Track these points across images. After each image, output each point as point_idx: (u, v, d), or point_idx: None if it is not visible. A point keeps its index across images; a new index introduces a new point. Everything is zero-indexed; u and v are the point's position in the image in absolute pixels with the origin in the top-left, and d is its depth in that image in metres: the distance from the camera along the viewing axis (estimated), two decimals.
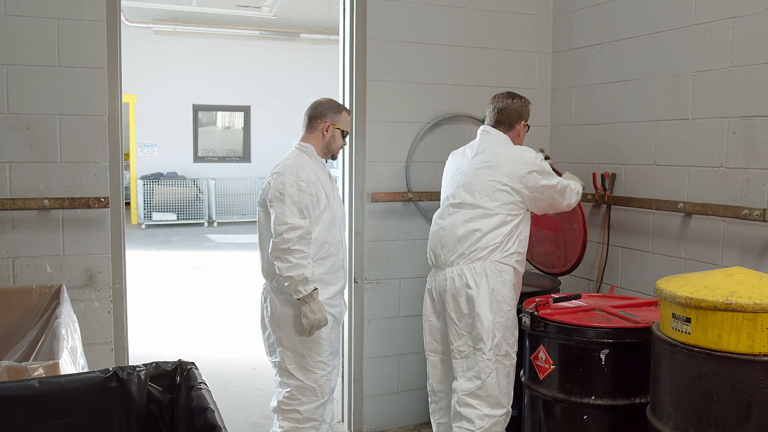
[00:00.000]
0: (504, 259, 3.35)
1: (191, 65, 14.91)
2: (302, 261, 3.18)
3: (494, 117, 3.57)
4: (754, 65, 3.26)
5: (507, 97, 3.59)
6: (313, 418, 3.41)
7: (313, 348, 3.36)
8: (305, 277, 3.17)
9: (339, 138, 3.48)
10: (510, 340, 3.34)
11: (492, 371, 3.27)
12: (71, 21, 3.47)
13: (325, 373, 3.41)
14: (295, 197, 3.22)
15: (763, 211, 3.16)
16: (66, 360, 2.22)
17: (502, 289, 3.31)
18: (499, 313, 3.29)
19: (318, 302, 3.22)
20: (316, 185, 3.30)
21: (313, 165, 3.38)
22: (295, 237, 3.17)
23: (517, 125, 3.58)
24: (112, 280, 3.64)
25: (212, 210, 14.89)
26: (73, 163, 3.53)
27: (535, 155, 3.44)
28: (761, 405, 2.36)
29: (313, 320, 3.20)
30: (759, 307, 2.33)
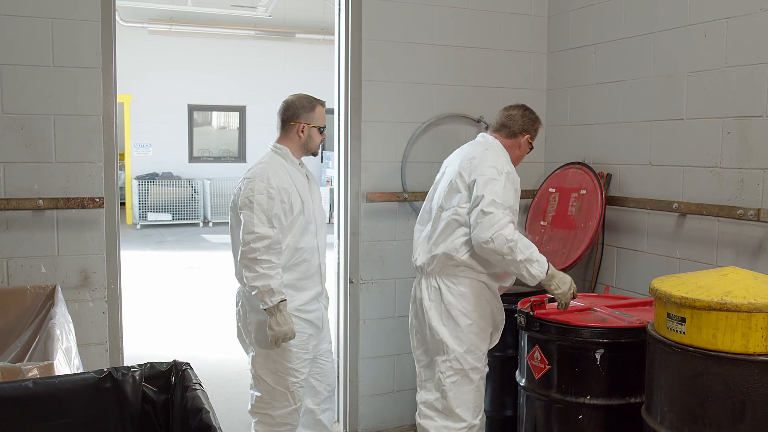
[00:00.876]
0: (461, 273, 3.23)
1: (186, 65, 14.89)
2: (269, 271, 3.10)
3: (499, 121, 3.44)
4: (748, 65, 3.27)
5: (521, 107, 3.47)
6: (286, 422, 3.35)
7: (284, 355, 3.28)
8: (271, 288, 3.08)
9: (316, 135, 3.37)
10: (476, 354, 3.24)
11: (449, 385, 3.22)
12: (66, 21, 3.47)
13: (297, 380, 3.32)
14: (264, 205, 3.14)
15: (758, 211, 3.17)
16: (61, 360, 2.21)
17: (458, 302, 3.22)
18: (456, 328, 3.22)
19: (284, 314, 3.13)
20: (288, 191, 3.21)
21: (288, 168, 3.29)
22: (262, 247, 3.10)
23: (521, 137, 3.41)
24: (107, 281, 3.63)
25: (207, 210, 14.87)
26: (67, 163, 3.52)
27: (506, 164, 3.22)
28: (756, 404, 2.36)
29: (278, 332, 3.12)
30: (753, 307, 2.34)
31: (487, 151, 3.27)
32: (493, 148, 3.32)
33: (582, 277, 4.29)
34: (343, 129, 4.17)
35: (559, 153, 4.46)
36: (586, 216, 3.98)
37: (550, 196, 4.30)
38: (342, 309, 4.24)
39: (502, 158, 3.25)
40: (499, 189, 3.09)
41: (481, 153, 3.26)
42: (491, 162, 3.19)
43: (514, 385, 3.42)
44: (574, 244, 4.00)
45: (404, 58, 4.18)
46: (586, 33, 4.26)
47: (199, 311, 7.59)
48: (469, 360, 3.22)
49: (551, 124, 4.55)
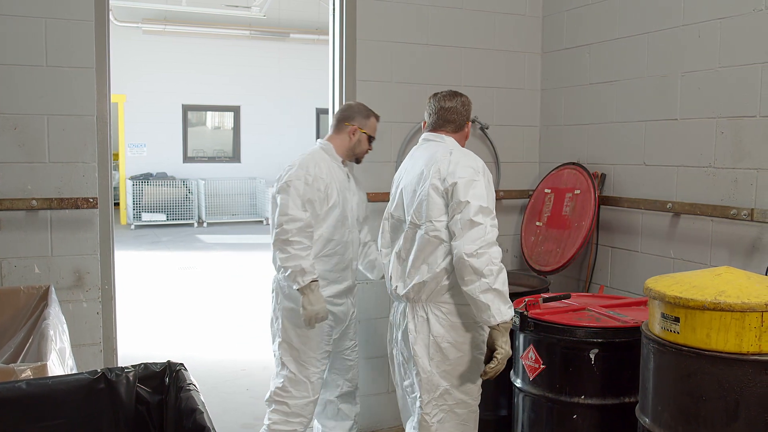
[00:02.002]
0: (453, 298, 2.91)
1: (181, 65, 14.88)
2: (301, 252, 3.22)
3: (441, 116, 3.10)
4: (742, 66, 3.28)
5: (455, 96, 3.14)
6: (301, 414, 3.43)
7: (308, 344, 3.41)
8: (302, 268, 3.20)
9: (365, 142, 3.52)
10: (466, 387, 2.95)
11: (435, 425, 2.93)
12: (59, 20, 3.46)
13: (318, 370, 3.44)
14: (300, 190, 3.28)
15: (751, 210, 3.18)
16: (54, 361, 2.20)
17: (448, 334, 2.91)
18: (444, 362, 2.91)
19: (317, 294, 3.25)
20: (326, 182, 3.34)
21: (329, 163, 3.43)
22: (295, 228, 3.23)
23: (466, 126, 3.16)
24: (100, 281, 3.62)
25: (202, 210, 14.85)
26: (61, 163, 3.51)
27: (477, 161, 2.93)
28: (749, 404, 2.37)
29: (310, 311, 3.23)
30: (747, 307, 2.34)
31: (453, 152, 2.93)
32: (456, 147, 3.01)
33: (576, 276, 4.29)
34: None
35: (554, 153, 4.47)
36: (580, 216, 4.00)
37: (546, 196, 4.30)
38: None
39: (470, 155, 2.96)
40: (482, 192, 2.78)
41: (447, 155, 2.91)
42: (464, 162, 2.88)
43: (509, 385, 3.42)
44: (568, 243, 4.01)
45: (399, 58, 4.18)
46: (580, 33, 4.26)
47: (194, 312, 7.58)
48: (456, 395, 2.94)
49: (545, 124, 4.56)
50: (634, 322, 3.07)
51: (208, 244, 12.63)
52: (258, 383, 5.22)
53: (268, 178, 15.59)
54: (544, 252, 4.13)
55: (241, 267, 10.41)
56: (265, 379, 5.29)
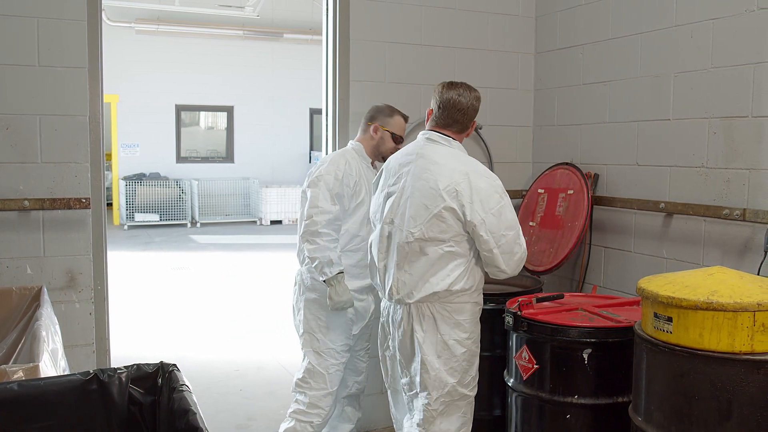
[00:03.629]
0: (458, 299, 2.97)
1: (174, 65, 14.85)
2: (329, 244, 3.31)
3: (449, 116, 3.03)
4: (734, 66, 3.29)
5: (464, 90, 3.05)
6: (319, 405, 3.51)
7: (328, 335, 3.49)
8: (330, 259, 3.29)
9: (388, 140, 3.56)
10: (466, 380, 3.03)
11: (439, 418, 3.01)
12: (51, 20, 3.44)
13: (337, 362, 3.51)
14: (330, 184, 3.36)
15: (743, 210, 3.20)
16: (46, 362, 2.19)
17: (454, 331, 2.97)
18: (451, 359, 2.98)
19: (343, 285, 3.32)
20: (355, 179, 3.43)
21: (359, 162, 3.51)
22: (324, 220, 3.31)
23: (471, 127, 3.12)
24: (93, 282, 3.61)
25: (195, 211, 14.82)
26: (53, 163, 3.49)
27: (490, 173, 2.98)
28: (742, 403, 2.38)
29: (337, 302, 3.31)
30: (739, 306, 2.35)
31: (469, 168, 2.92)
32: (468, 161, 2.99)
33: (570, 276, 4.30)
34: (330, 129, 4.16)
35: (547, 153, 4.47)
36: (573, 216, 4.00)
37: (539, 197, 4.31)
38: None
39: (483, 169, 2.97)
40: (509, 212, 2.92)
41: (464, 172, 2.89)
42: (485, 183, 2.89)
43: (503, 384, 3.43)
44: (561, 243, 4.01)
45: (392, 58, 4.18)
46: (573, 33, 4.27)
47: (187, 312, 7.56)
48: (459, 390, 3.02)
49: (539, 125, 4.57)
50: (627, 321, 3.08)
51: (201, 244, 12.61)
52: (251, 384, 5.22)
53: (261, 178, 15.59)
54: (537, 252, 4.13)
55: (235, 267, 10.40)
56: (258, 380, 5.29)
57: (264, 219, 15.02)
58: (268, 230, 14.46)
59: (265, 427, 4.43)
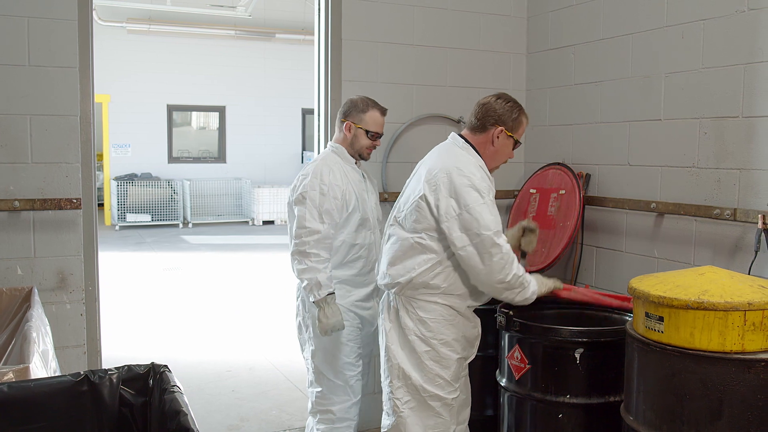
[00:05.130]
0: (423, 296, 2.94)
1: (166, 65, 14.81)
2: (317, 265, 3.20)
3: (473, 114, 3.03)
4: (724, 67, 3.30)
5: (494, 96, 3.03)
6: (347, 417, 3.47)
7: (341, 349, 3.41)
8: (318, 281, 3.19)
9: (362, 138, 3.40)
10: (436, 383, 2.95)
11: (407, 411, 2.99)
12: (41, 19, 3.43)
13: (354, 373, 3.46)
14: (317, 201, 3.24)
15: (734, 210, 3.21)
16: (37, 364, 2.18)
17: (416, 327, 2.95)
18: (412, 354, 2.96)
19: (333, 307, 3.23)
20: (342, 188, 3.30)
21: (342, 166, 3.38)
22: (312, 240, 3.21)
23: (492, 129, 2.97)
24: (84, 283, 3.59)
25: (187, 211, 14.79)
26: (44, 163, 3.48)
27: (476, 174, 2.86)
28: (732, 402, 2.39)
29: (326, 324, 3.22)
30: (730, 306, 2.36)
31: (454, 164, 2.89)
32: (459, 157, 2.94)
33: (562, 276, 4.31)
34: (322, 129, 4.16)
35: (539, 153, 4.48)
36: (565, 216, 4.01)
37: (531, 196, 4.32)
38: None
39: (470, 167, 2.88)
40: (487, 213, 2.80)
41: (448, 167, 2.88)
42: (467, 181, 2.83)
43: (495, 384, 3.43)
44: (553, 243, 4.02)
45: (384, 58, 4.18)
46: (564, 34, 4.28)
47: (179, 313, 7.54)
48: (428, 388, 2.95)
49: (531, 125, 4.56)
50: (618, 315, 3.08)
51: (193, 244, 12.58)
52: (243, 384, 5.21)
53: (253, 178, 15.57)
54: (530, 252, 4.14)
55: (227, 268, 10.38)
56: (250, 380, 5.29)
57: (256, 219, 15.00)
58: (260, 230, 14.45)
59: (257, 427, 4.43)
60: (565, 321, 3.48)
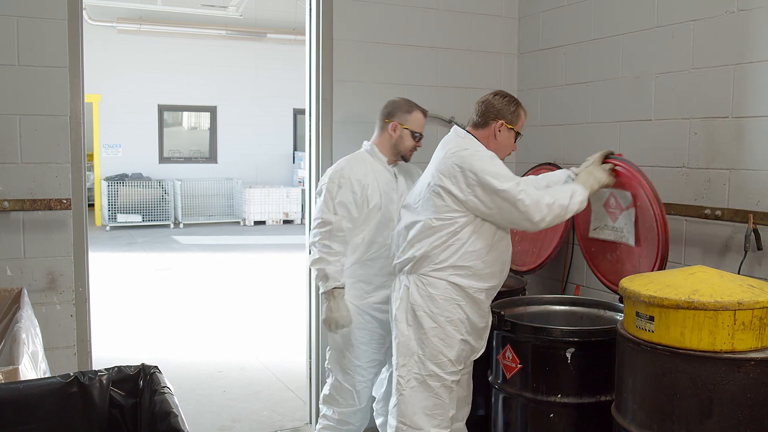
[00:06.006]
0: (433, 273, 3.01)
1: (156, 65, 14.76)
2: (327, 256, 3.27)
3: (472, 115, 3.17)
4: (714, 67, 3.31)
5: (492, 93, 3.17)
6: (349, 422, 3.47)
7: (354, 352, 3.40)
8: (326, 273, 3.25)
9: (408, 138, 3.43)
10: (438, 360, 3.01)
11: (408, 391, 3.03)
12: (31, 19, 3.41)
13: (364, 379, 3.44)
14: (333, 193, 3.30)
15: (724, 210, 3.22)
16: (26, 365, 2.17)
17: (425, 303, 3.01)
18: (419, 330, 3.02)
19: (339, 302, 3.27)
20: (363, 183, 3.32)
21: (371, 164, 3.40)
22: (324, 231, 3.28)
23: (493, 124, 3.09)
24: (74, 283, 3.58)
25: (178, 211, 14.74)
26: (34, 164, 3.46)
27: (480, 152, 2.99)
28: (722, 401, 2.40)
29: (330, 318, 3.27)
30: (720, 305, 2.37)
31: (459, 145, 3.03)
32: (464, 139, 3.09)
33: (553, 276, 4.31)
34: (314, 129, 4.15)
35: (530, 153, 4.48)
36: None
37: None
38: (314, 310, 4.23)
39: (474, 145, 3.04)
40: (500, 169, 2.95)
41: (454, 150, 3.01)
42: (471, 152, 2.97)
43: (486, 384, 3.43)
44: (544, 243, 4.03)
45: (375, 58, 4.18)
46: (556, 34, 4.29)
47: (170, 314, 7.52)
48: (429, 366, 3.02)
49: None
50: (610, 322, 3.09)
51: (184, 245, 12.54)
52: (235, 385, 5.20)
53: (245, 178, 15.54)
54: (520, 252, 4.14)
55: (218, 268, 10.36)
56: (242, 381, 5.28)
57: (247, 220, 14.97)
58: (252, 231, 14.42)
59: (249, 428, 4.42)
60: (557, 320, 3.50)
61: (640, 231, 3.28)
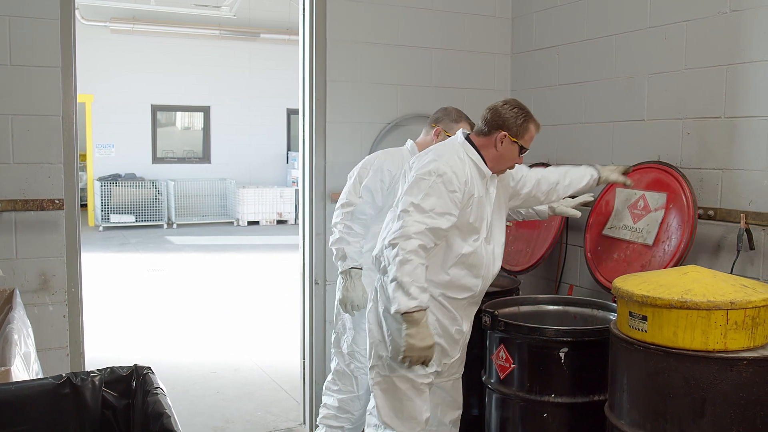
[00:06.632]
0: None
1: (150, 65, 14.72)
2: (347, 236, 3.36)
3: (480, 120, 3.04)
4: (707, 67, 3.32)
5: (503, 101, 3.00)
6: (348, 410, 3.51)
7: (354, 337, 3.47)
8: (344, 253, 3.35)
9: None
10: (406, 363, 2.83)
11: (378, 393, 2.97)
12: (23, 18, 3.40)
13: (362, 365, 3.46)
14: (362, 177, 3.40)
15: (716, 210, 3.23)
16: (18, 366, 2.16)
17: (387, 302, 2.85)
18: (387, 332, 2.89)
19: (355, 282, 3.35)
20: (394, 175, 3.36)
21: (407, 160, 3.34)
22: (347, 212, 3.40)
23: (496, 134, 2.92)
24: (67, 284, 3.56)
25: (171, 211, 14.70)
26: (26, 164, 3.45)
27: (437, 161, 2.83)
28: (715, 400, 2.40)
29: (346, 298, 3.35)
30: (713, 305, 2.38)
31: (436, 148, 2.97)
32: (445, 145, 3.00)
33: (546, 276, 4.32)
34: (307, 129, 4.15)
35: None
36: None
37: None
38: (308, 310, 4.22)
39: (445, 157, 2.87)
40: (423, 191, 2.77)
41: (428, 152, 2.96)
42: (428, 159, 2.87)
43: (480, 384, 3.43)
44: (537, 243, 4.03)
45: (369, 58, 4.18)
46: (549, 35, 4.29)
47: (163, 314, 7.50)
48: (397, 368, 2.89)
49: None
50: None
51: (177, 245, 12.51)
52: (228, 385, 5.19)
53: (238, 178, 15.51)
54: (514, 252, 4.15)
55: (211, 268, 10.34)
56: (235, 381, 5.26)
57: (241, 220, 14.94)
58: (245, 231, 14.39)
59: (242, 428, 4.41)
60: (550, 320, 3.50)
61: (662, 232, 3.31)
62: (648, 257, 3.36)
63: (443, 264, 2.92)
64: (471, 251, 2.93)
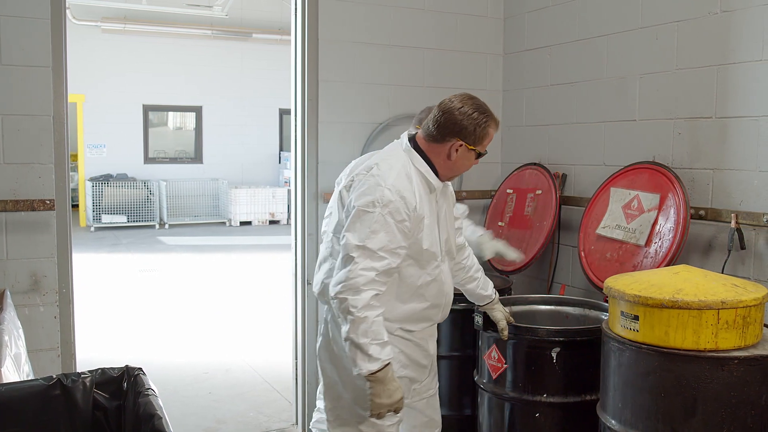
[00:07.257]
0: None
1: (141, 65, 14.68)
2: None
3: (427, 122, 2.60)
4: (698, 68, 3.34)
5: (459, 100, 2.57)
6: None
7: None
8: None
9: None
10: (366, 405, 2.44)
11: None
12: (13, 18, 3.38)
13: None
14: None
15: (708, 210, 3.25)
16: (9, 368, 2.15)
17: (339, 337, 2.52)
18: (344, 371, 2.57)
19: None
20: None
21: None
22: None
23: (451, 142, 2.52)
24: (58, 285, 3.55)
25: (163, 212, 14.67)
26: (16, 164, 3.43)
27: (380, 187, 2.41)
28: (706, 399, 2.41)
29: None
30: (704, 305, 2.38)
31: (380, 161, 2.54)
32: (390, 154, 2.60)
33: (538, 276, 4.33)
34: (299, 129, 4.14)
35: (516, 154, 4.50)
36: (542, 216, 4.03)
37: (508, 197, 4.34)
38: (299, 310, 4.22)
39: (391, 178, 2.45)
40: (367, 227, 2.38)
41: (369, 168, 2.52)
42: (370, 184, 2.44)
43: (473, 384, 3.44)
44: (530, 243, 4.04)
45: (361, 58, 4.18)
46: (541, 35, 4.30)
47: (155, 315, 7.48)
48: (359, 411, 2.56)
49: (507, 125, 4.59)
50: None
51: (169, 246, 12.48)
52: (220, 386, 5.18)
53: (230, 179, 15.48)
54: None
55: (203, 269, 10.31)
56: (227, 382, 5.25)
57: (233, 220, 14.91)
58: (238, 231, 14.37)
59: (234, 429, 4.40)
60: (542, 320, 3.50)
61: (654, 232, 3.32)
62: (640, 257, 3.38)
63: (398, 297, 2.56)
64: (430, 280, 2.60)
